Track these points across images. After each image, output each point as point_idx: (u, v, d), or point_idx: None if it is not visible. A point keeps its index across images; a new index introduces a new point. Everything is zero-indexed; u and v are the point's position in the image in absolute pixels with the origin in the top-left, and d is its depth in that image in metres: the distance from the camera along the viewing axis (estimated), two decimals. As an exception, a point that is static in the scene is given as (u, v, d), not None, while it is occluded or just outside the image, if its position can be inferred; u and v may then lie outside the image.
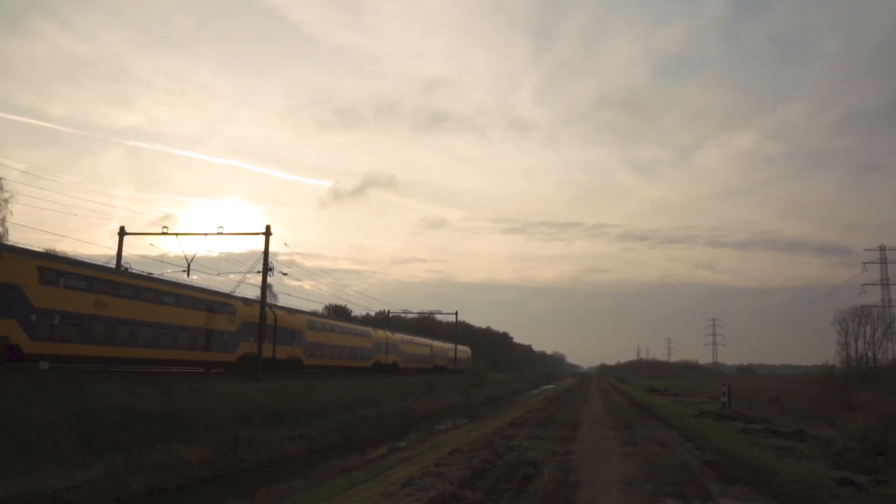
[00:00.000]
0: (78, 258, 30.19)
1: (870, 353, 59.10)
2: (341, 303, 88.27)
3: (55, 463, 14.19)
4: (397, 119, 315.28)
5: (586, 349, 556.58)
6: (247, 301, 38.91)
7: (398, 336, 70.44)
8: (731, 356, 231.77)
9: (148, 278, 31.81)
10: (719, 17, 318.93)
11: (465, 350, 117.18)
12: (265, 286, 37.66)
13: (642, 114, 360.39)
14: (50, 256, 28.11)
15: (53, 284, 25.19)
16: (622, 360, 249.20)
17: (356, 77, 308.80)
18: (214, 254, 62.73)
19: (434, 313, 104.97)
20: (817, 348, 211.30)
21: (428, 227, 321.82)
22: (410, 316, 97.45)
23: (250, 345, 36.89)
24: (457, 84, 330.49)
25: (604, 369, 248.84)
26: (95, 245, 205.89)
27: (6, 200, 40.44)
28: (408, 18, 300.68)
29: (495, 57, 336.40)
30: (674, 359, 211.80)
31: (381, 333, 64.68)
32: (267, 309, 38.45)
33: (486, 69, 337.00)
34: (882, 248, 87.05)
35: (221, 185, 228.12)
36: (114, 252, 36.98)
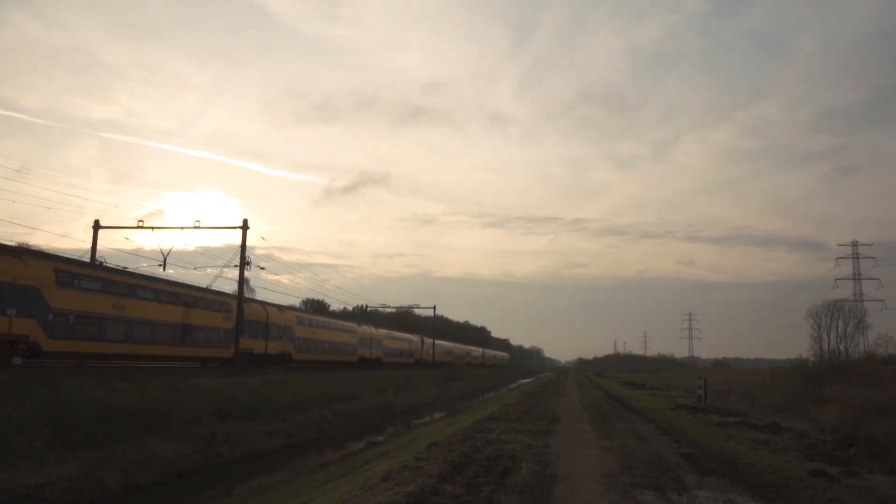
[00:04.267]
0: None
1: (842, 346, 60.19)
2: (319, 297, 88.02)
3: (29, 459, 13.97)
4: (376, 113, 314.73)
5: (564, 343, 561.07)
6: None
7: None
8: (707, 350, 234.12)
9: None
10: (698, 12, 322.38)
11: (503, 355, 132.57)
12: (242, 280, 37.40)
13: (621, 109, 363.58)
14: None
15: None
16: (599, 355, 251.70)
17: (334, 70, 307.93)
18: (191, 248, 61.93)
19: (412, 307, 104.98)
20: (791, 342, 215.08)
21: (419, 223, 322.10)
22: (388, 310, 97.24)
23: None
24: (436, 78, 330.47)
25: (581, 363, 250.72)
26: (70, 238, 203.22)
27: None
28: (385, 10, 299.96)
29: (475, 50, 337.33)
30: (650, 353, 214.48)
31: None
32: None
33: (466, 63, 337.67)
34: (854, 244, 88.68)
35: (198, 178, 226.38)
36: (88, 246, 36.51)
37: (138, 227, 37.03)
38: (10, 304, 23.61)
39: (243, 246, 36.96)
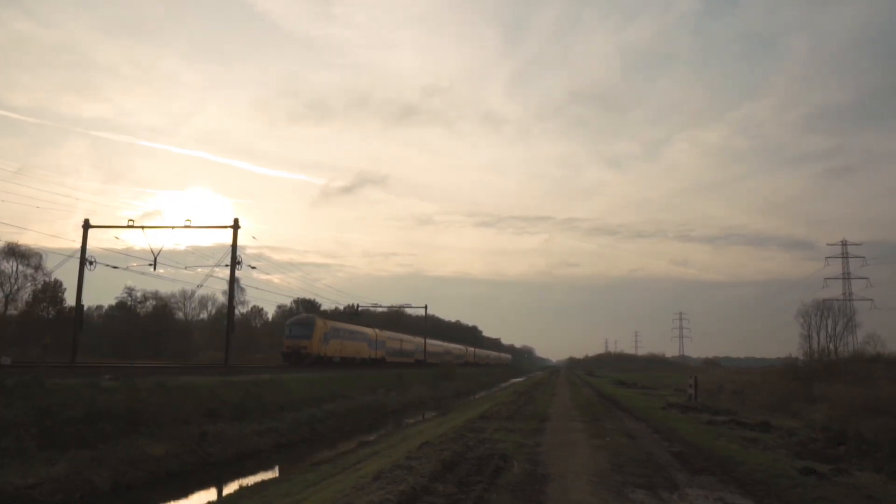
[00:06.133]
0: None
1: (831, 345, 60.58)
2: (311, 296, 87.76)
3: (18, 460, 13.88)
4: (370, 112, 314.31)
5: (555, 343, 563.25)
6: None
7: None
8: (698, 349, 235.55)
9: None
10: (690, 12, 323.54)
11: (504, 356, 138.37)
12: (233, 279, 37.31)
13: (613, 108, 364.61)
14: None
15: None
16: (590, 354, 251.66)
17: (326, 69, 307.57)
18: (182, 247, 61.91)
19: (404, 307, 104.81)
20: (781, 341, 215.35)
21: (416, 223, 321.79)
22: (380, 310, 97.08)
23: None
24: (429, 77, 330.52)
25: (572, 363, 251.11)
26: (60, 238, 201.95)
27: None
28: (378, 10, 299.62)
29: (468, 50, 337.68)
30: (641, 352, 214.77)
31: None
32: None
33: (459, 63, 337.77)
34: (843, 243, 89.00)
35: (189, 177, 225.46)
36: (78, 245, 36.36)
37: (129, 227, 36.85)
38: (378, 347, 67.33)
39: (234, 245, 36.87)
